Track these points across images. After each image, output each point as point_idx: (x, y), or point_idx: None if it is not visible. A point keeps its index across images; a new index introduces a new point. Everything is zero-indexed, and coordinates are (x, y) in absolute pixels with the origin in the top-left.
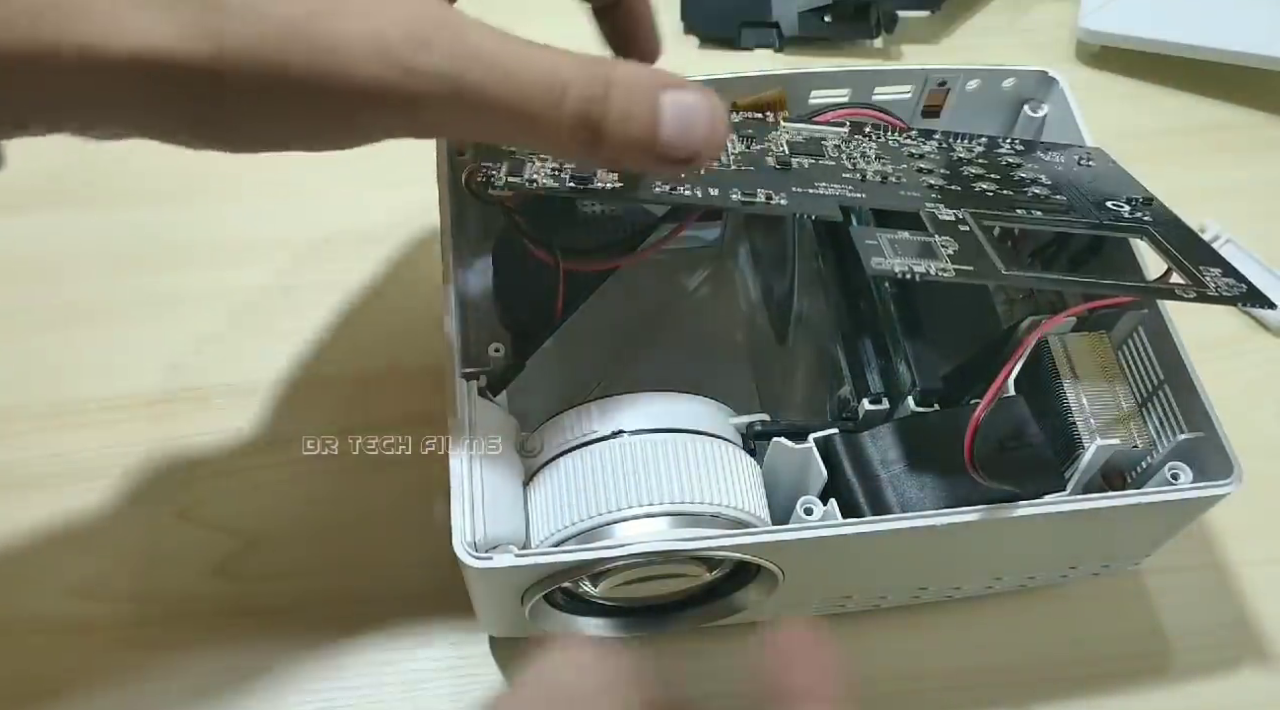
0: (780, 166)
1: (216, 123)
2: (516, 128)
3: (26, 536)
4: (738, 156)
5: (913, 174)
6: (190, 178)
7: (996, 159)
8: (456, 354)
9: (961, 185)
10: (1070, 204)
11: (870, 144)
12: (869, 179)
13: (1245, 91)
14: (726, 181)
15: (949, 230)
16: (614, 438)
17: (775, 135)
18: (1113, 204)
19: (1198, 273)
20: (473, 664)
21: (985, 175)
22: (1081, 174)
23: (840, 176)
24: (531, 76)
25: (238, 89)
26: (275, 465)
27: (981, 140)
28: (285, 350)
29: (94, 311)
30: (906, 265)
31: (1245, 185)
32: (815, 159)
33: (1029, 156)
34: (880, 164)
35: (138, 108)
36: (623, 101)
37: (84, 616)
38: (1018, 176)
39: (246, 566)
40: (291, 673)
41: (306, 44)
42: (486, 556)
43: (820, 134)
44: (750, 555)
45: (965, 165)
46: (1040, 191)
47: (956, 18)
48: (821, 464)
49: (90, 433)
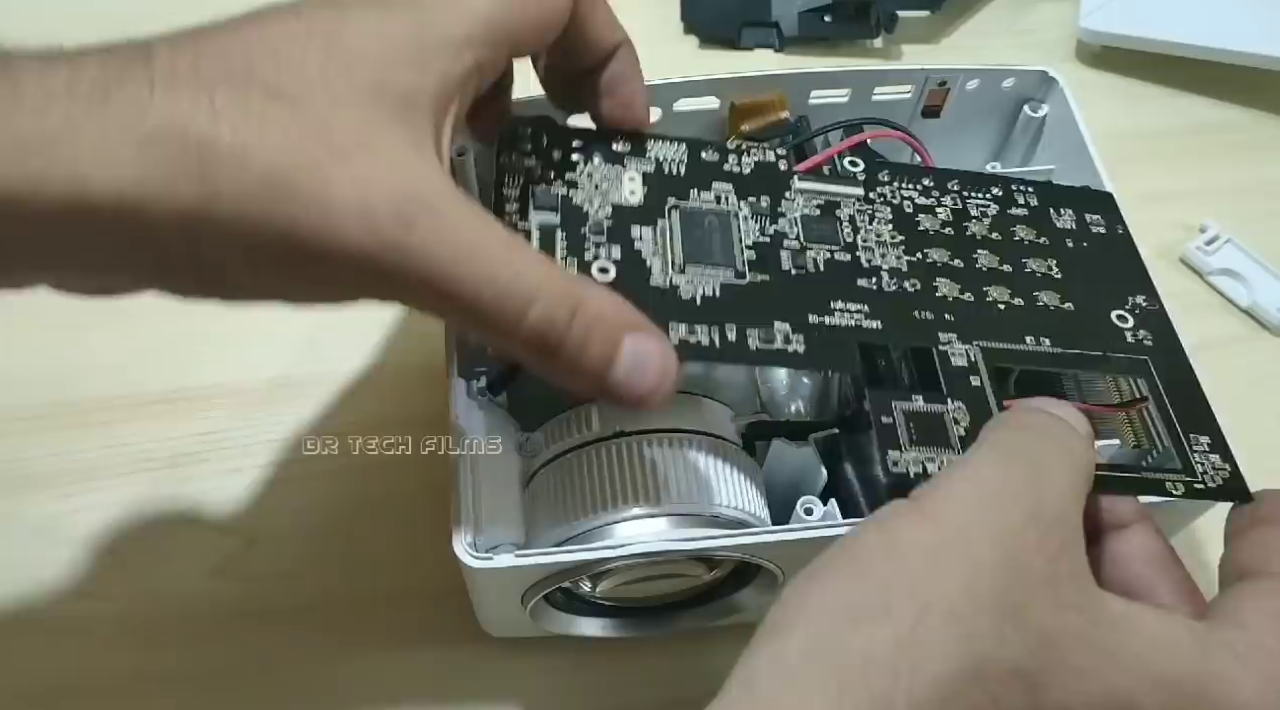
0: (796, 271)
1: (197, 271)
2: (477, 323)
3: (26, 536)
4: (752, 247)
5: (927, 269)
6: None
7: (1009, 231)
8: (456, 354)
9: (975, 291)
10: (1078, 316)
11: (886, 212)
12: (885, 287)
13: (1245, 91)
14: (743, 307)
15: (961, 388)
16: (614, 438)
17: (790, 206)
18: (1117, 316)
19: (1186, 444)
20: (473, 664)
21: (999, 267)
22: (1090, 253)
23: (856, 283)
24: (502, 284)
25: (218, 237)
26: (275, 465)
27: (995, 195)
28: (285, 350)
29: (94, 311)
30: (920, 461)
31: (1245, 185)
32: (831, 251)
33: (1041, 221)
34: (896, 256)
35: (116, 252)
36: (582, 333)
37: (84, 616)
38: (1029, 268)
39: (246, 566)
40: (291, 673)
41: (294, 200)
42: (486, 557)
43: (835, 198)
44: (750, 555)
45: (979, 247)
46: (1049, 300)
47: (956, 18)
48: (822, 464)
49: (90, 433)
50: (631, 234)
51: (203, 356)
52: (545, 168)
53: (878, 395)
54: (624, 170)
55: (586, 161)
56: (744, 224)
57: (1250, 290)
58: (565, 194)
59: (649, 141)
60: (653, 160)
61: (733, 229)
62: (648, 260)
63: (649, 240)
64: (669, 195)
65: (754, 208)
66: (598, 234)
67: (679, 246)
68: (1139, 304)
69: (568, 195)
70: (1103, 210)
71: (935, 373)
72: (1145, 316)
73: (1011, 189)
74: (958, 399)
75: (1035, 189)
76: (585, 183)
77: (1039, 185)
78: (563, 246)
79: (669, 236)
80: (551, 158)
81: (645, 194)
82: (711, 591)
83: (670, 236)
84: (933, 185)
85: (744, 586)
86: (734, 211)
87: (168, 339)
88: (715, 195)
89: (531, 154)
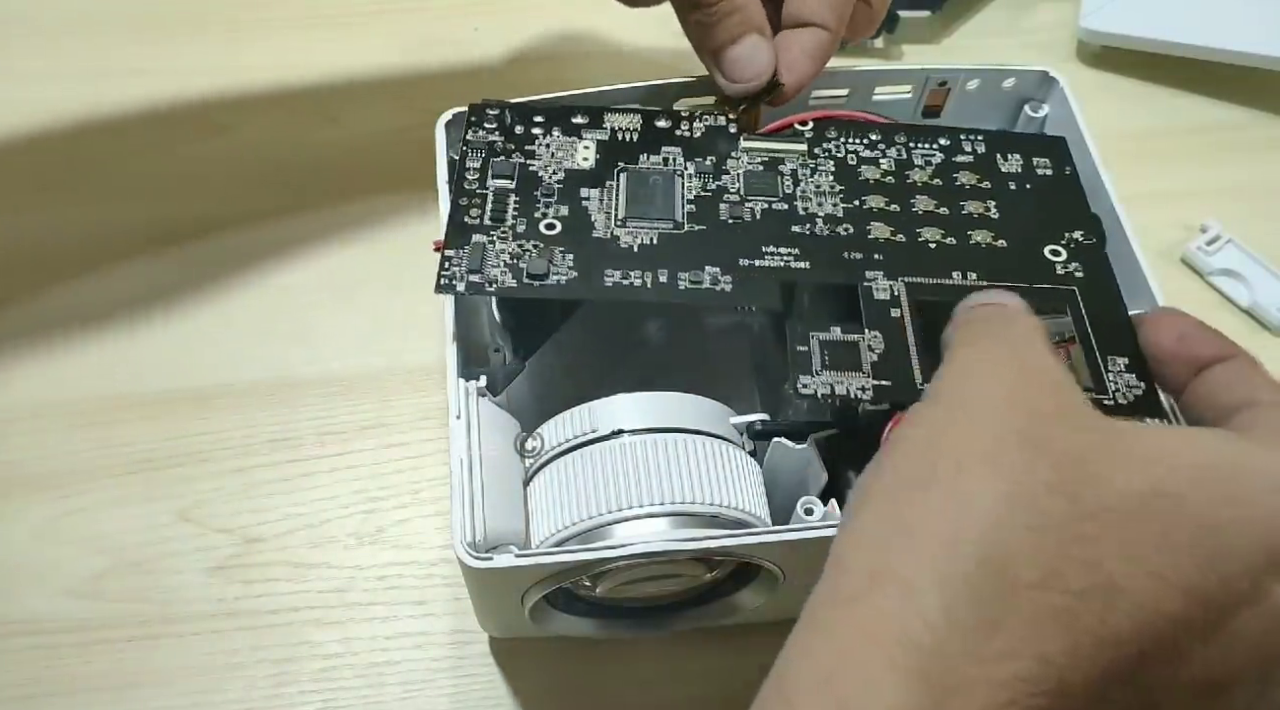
0: (733, 221)
1: None
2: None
3: (27, 536)
4: (693, 202)
5: (862, 215)
6: (194, 180)
7: (951, 177)
8: (456, 354)
9: (908, 232)
10: (1009, 253)
11: (829, 166)
12: (818, 231)
13: (1245, 91)
14: (679, 254)
15: (881, 319)
16: (614, 437)
17: (735, 163)
18: (1051, 251)
19: (1101, 364)
20: (473, 664)
21: (935, 211)
22: (1033, 194)
23: (790, 230)
24: None
25: None
26: (275, 465)
27: (943, 145)
28: (285, 350)
29: (94, 311)
30: (829, 384)
31: (1245, 185)
32: (769, 202)
33: (986, 167)
34: (833, 203)
35: None
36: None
37: (84, 616)
38: (967, 210)
39: (246, 566)
40: (291, 673)
41: None
42: (486, 557)
43: (779, 155)
44: (750, 555)
45: (918, 193)
46: (983, 239)
47: (956, 18)
48: (822, 464)
49: (90, 432)
50: (580, 195)
51: (203, 356)
52: (507, 142)
53: (796, 326)
54: (579, 140)
55: (546, 134)
56: (688, 182)
57: (1250, 290)
58: (523, 163)
59: (606, 114)
60: (608, 129)
61: (676, 186)
62: (593, 216)
63: (595, 199)
64: (619, 160)
65: (699, 167)
66: (548, 196)
67: (622, 203)
68: (1075, 239)
69: (525, 163)
70: (1051, 154)
71: (858, 306)
72: (1079, 251)
73: (960, 138)
74: (874, 329)
75: (985, 137)
76: (543, 153)
77: (990, 133)
78: (514, 207)
79: (615, 194)
80: (514, 133)
81: (597, 160)
82: (711, 591)
83: (616, 194)
84: (880, 138)
85: (744, 586)
86: (679, 171)
87: (168, 339)
88: (663, 158)
89: (496, 131)
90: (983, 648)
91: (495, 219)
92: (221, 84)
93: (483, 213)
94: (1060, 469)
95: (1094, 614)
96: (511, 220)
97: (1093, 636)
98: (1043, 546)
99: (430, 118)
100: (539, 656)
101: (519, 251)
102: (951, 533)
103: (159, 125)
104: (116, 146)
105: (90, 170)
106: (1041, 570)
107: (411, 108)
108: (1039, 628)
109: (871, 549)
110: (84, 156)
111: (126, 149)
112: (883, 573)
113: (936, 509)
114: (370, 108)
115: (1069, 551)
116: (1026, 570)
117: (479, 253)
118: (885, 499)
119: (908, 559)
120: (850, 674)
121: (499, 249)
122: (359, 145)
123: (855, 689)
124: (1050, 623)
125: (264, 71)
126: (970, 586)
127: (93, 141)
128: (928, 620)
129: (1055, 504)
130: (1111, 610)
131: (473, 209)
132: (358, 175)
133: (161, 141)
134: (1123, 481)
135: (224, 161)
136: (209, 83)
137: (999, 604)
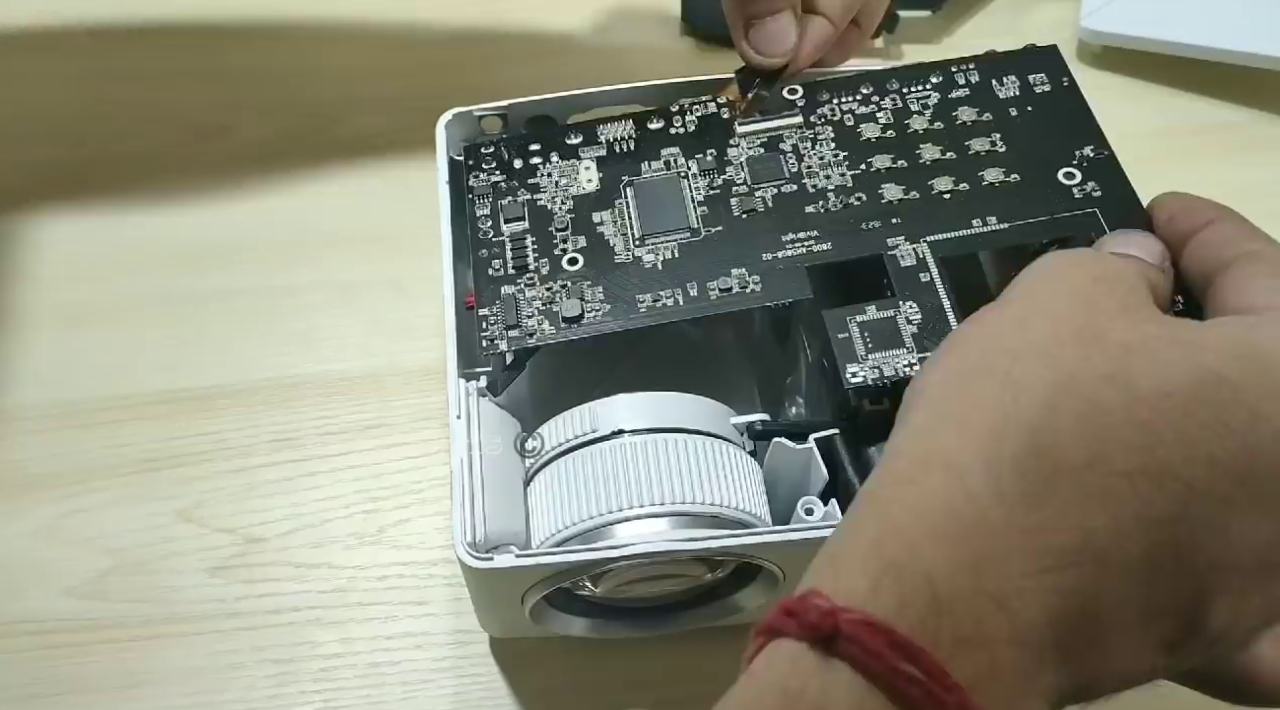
0: (746, 215)
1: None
2: None
3: (27, 536)
4: (704, 203)
5: (871, 178)
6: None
7: (951, 116)
8: (456, 354)
9: (920, 187)
10: (1024, 187)
11: (828, 133)
12: (832, 207)
13: (1245, 91)
14: (702, 262)
15: (911, 286)
16: (614, 437)
17: (736, 152)
18: (1065, 174)
19: None
20: (473, 664)
21: (942, 157)
22: (1035, 115)
23: (804, 211)
24: None
25: None
26: (276, 465)
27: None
28: (285, 350)
29: (94, 311)
30: (878, 368)
31: (1245, 185)
32: (778, 186)
33: (983, 96)
34: (840, 173)
35: None
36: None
37: (84, 616)
38: (974, 149)
39: (248, 566)
40: (292, 673)
41: None
42: (487, 557)
43: (777, 133)
44: (751, 555)
45: (921, 142)
46: (995, 177)
47: (956, 18)
48: (822, 464)
49: (90, 432)
50: (593, 220)
51: (203, 356)
52: (509, 179)
53: (834, 315)
54: (579, 161)
55: (545, 161)
56: (694, 182)
57: None
58: (530, 198)
59: (598, 127)
60: (604, 143)
61: (684, 190)
62: (611, 240)
63: (609, 221)
64: (622, 174)
65: (701, 164)
66: (563, 229)
67: (636, 221)
68: (1086, 156)
69: (533, 199)
70: (1047, 67)
71: (887, 278)
72: (1093, 167)
73: (952, 71)
74: (909, 299)
75: (976, 65)
76: (547, 183)
77: (980, 60)
78: (533, 249)
79: (626, 213)
80: (514, 168)
81: (601, 178)
82: (711, 591)
83: (627, 212)
84: (872, 91)
85: (744, 586)
86: (683, 172)
87: (168, 339)
88: (664, 161)
89: (496, 170)
90: (1024, 520)
91: (518, 266)
92: (221, 84)
93: (504, 262)
94: (1116, 360)
95: (1141, 495)
96: (534, 264)
97: (1137, 516)
98: (1092, 432)
99: (430, 118)
100: (539, 656)
101: (549, 296)
102: (1001, 419)
103: (159, 125)
104: (116, 146)
105: (90, 170)
106: (1089, 453)
107: (411, 108)
108: (1081, 504)
109: (924, 438)
110: (84, 156)
111: (126, 149)
112: (933, 458)
113: (989, 399)
114: (370, 108)
115: (1120, 435)
116: (1073, 452)
117: (511, 305)
118: (940, 392)
119: (958, 444)
120: (895, 540)
121: (529, 296)
122: (359, 145)
123: (900, 553)
124: (1093, 500)
125: (264, 71)
126: (1016, 466)
127: (93, 141)
128: (972, 494)
129: (1108, 392)
130: (1161, 490)
131: (494, 260)
132: (358, 175)
133: (161, 141)
134: (1180, 370)
135: (224, 161)
136: (209, 83)
137: (1043, 483)
